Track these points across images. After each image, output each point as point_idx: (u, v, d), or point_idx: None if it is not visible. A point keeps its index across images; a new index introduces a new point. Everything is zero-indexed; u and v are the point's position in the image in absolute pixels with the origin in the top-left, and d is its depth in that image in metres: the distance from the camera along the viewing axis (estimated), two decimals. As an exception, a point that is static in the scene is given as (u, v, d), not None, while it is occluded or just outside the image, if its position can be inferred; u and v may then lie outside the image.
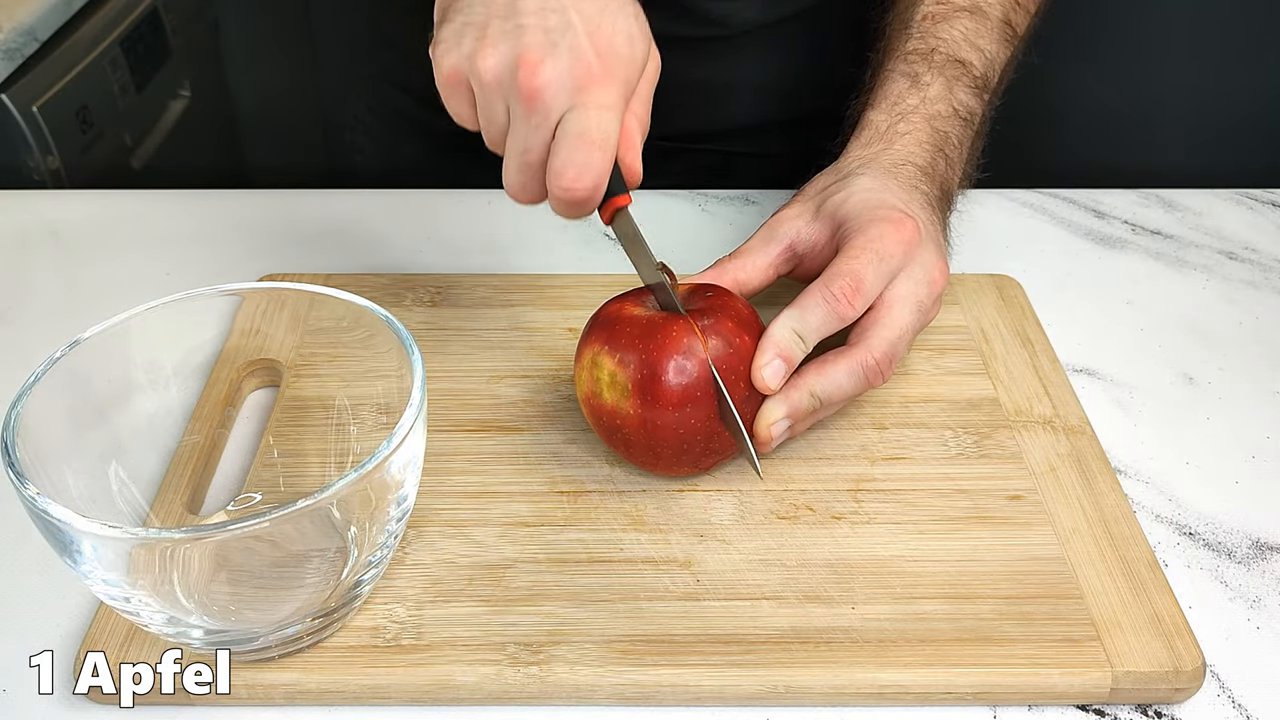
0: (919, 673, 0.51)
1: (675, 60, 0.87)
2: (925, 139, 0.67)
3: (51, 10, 1.18)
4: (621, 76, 0.55)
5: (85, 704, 0.51)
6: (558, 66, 0.53)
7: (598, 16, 0.54)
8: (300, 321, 0.61)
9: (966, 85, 0.70)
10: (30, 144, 1.13)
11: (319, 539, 0.52)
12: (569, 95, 0.54)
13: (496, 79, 0.54)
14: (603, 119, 0.54)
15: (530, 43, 0.53)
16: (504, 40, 0.53)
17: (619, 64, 0.55)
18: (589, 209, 0.56)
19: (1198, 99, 1.30)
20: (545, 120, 0.54)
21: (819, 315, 0.57)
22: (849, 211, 0.61)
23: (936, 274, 0.60)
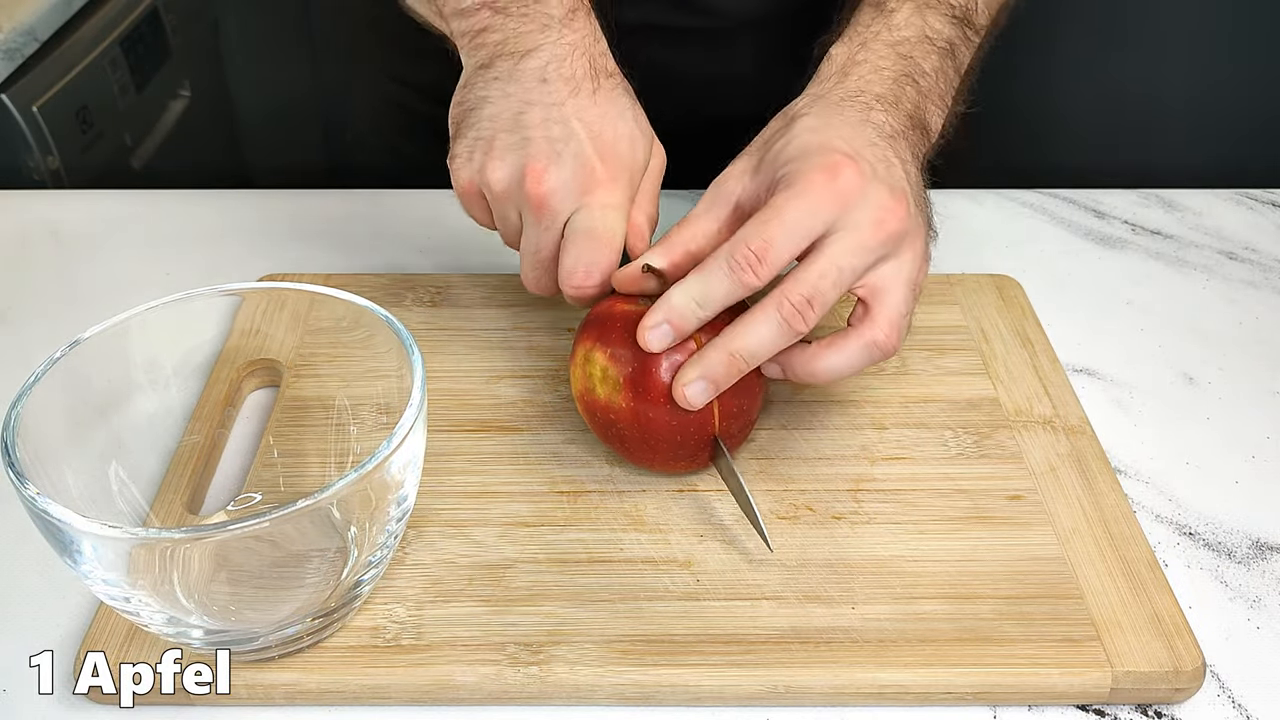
0: (919, 673, 0.51)
1: (674, 51, 0.87)
2: (887, 65, 0.62)
3: (51, 10, 1.18)
4: (625, 178, 0.59)
5: (85, 704, 0.51)
6: (562, 174, 0.57)
7: (599, 123, 0.58)
8: (300, 321, 0.61)
9: (941, 13, 0.65)
10: (30, 144, 1.13)
11: (319, 539, 0.52)
12: (575, 199, 0.58)
13: (506, 189, 0.58)
14: (608, 218, 0.58)
15: (535, 153, 0.57)
16: (511, 152, 0.58)
17: (621, 166, 0.59)
18: (596, 298, 0.59)
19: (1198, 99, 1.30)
20: (554, 223, 0.58)
21: (722, 285, 0.54)
22: (785, 160, 0.57)
23: (884, 212, 0.54)
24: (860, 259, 0.54)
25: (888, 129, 0.59)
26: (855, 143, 0.57)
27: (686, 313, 0.54)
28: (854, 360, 0.56)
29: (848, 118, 0.59)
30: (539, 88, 0.59)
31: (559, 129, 0.58)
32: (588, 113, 0.58)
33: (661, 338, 0.55)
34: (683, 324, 0.54)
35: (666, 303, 0.54)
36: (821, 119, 0.58)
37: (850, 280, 0.54)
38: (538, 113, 0.58)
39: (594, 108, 0.59)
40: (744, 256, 0.53)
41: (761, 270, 0.53)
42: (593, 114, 0.59)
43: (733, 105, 0.90)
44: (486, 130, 0.59)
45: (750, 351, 0.54)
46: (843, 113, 0.59)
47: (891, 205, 0.55)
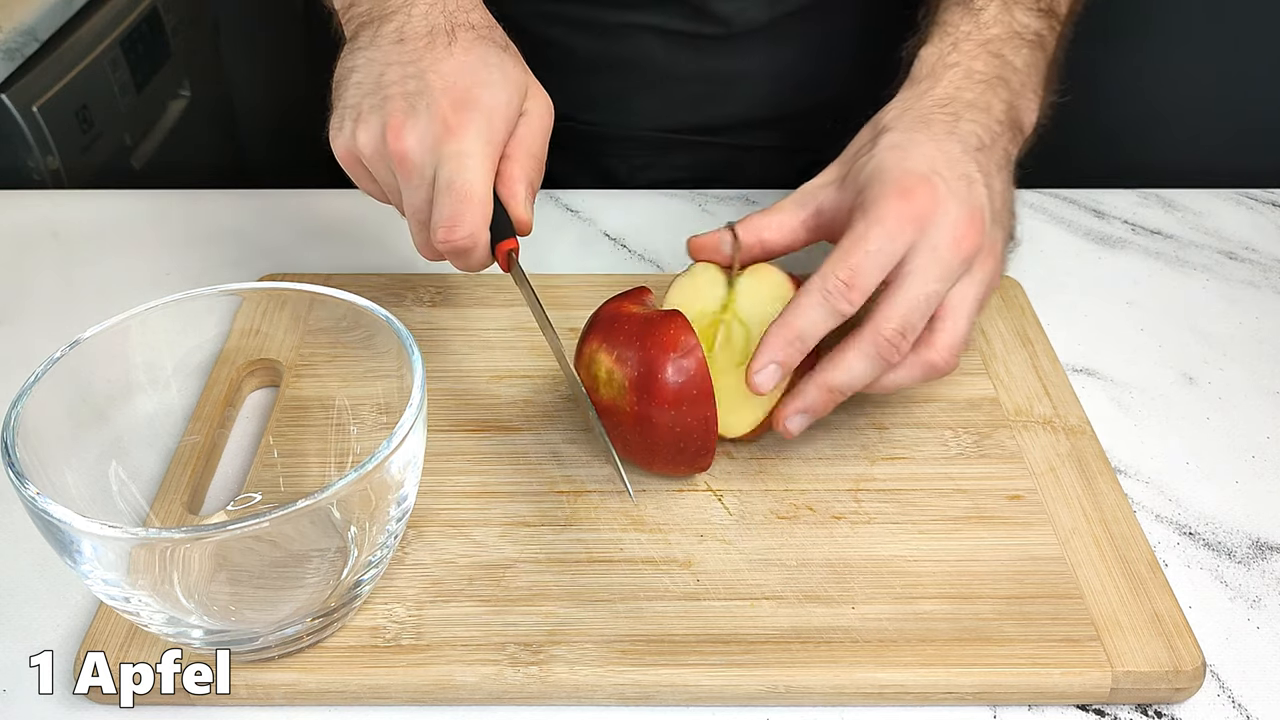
0: (919, 673, 0.51)
1: (678, 55, 0.87)
2: (980, 68, 0.62)
3: (51, 10, 1.18)
4: (482, 124, 0.57)
5: (85, 704, 0.51)
6: (418, 128, 0.57)
7: (454, 74, 0.58)
8: (300, 321, 0.61)
9: (1027, 6, 0.65)
10: (30, 144, 1.13)
11: (319, 539, 0.52)
12: (432, 152, 0.57)
13: (375, 151, 0.58)
14: (465, 167, 0.56)
15: (392, 110, 0.57)
16: (373, 114, 0.58)
17: (477, 114, 0.57)
18: (477, 256, 0.59)
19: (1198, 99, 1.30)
20: (421, 179, 0.57)
21: (817, 313, 0.55)
22: (865, 181, 0.57)
23: (960, 233, 0.55)
24: (943, 284, 0.55)
25: (974, 140, 0.59)
26: (935, 161, 0.57)
27: (788, 347, 0.55)
28: (911, 378, 0.57)
29: (934, 132, 0.59)
30: (396, 48, 0.59)
31: (414, 84, 0.58)
32: (443, 65, 0.58)
33: (770, 377, 0.55)
34: (786, 360, 0.55)
35: (766, 345, 0.55)
36: (905, 134, 0.59)
37: (935, 305, 0.56)
38: (395, 71, 0.58)
39: (450, 59, 0.58)
40: (835, 286, 0.54)
41: (852, 296, 0.54)
42: (448, 65, 0.58)
43: (736, 108, 0.91)
44: (353, 97, 0.59)
45: (847, 385, 0.56)
46: (929, 126, 0.59)
47: (967, 225, 0.55)
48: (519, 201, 0.60)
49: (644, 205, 0.86)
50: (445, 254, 0.59)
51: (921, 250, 0.55)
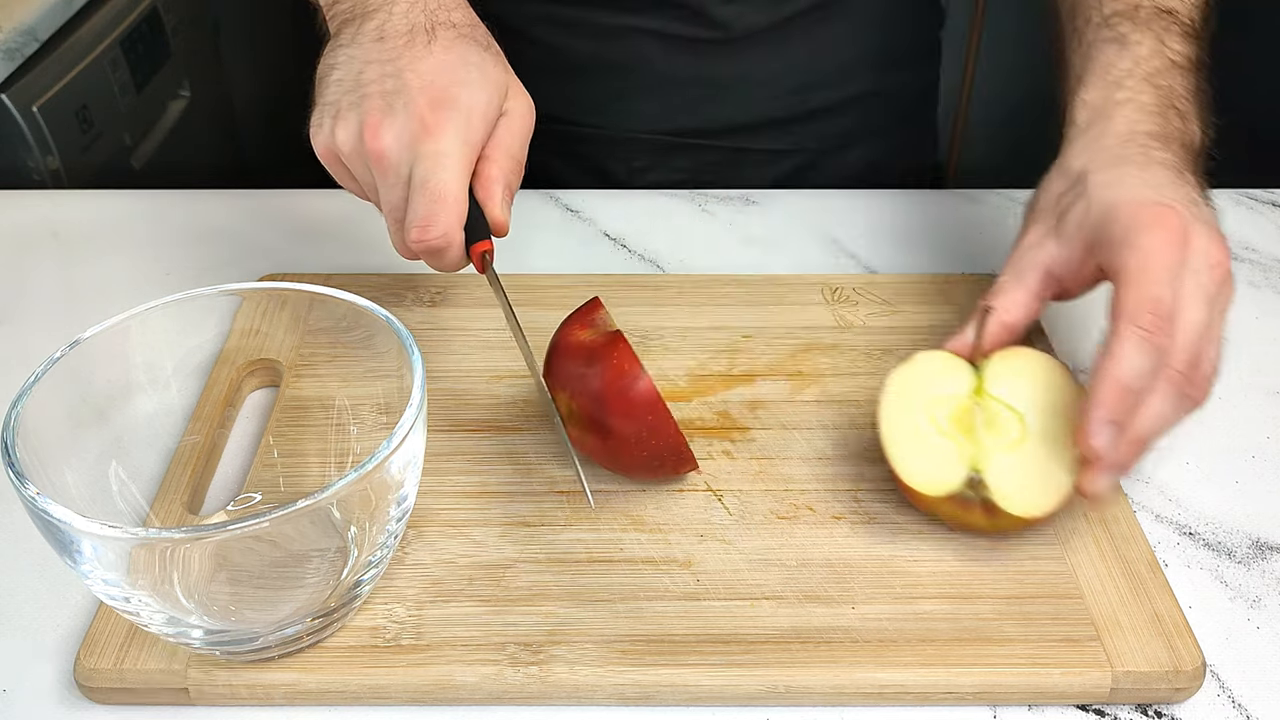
0: (919, 673, 0.51)
1: (678, 58, 0.87)
2: (1149, 101, 0.60)
3: (51, 10, 1.18)
4: (460, 123, 0.57)
5: (85, 704, 0.51)
6: (395, 127, 0.57)
7: (432, 73, 0.57)
8: (300, 321, 0.61)
9: (1178, 34, 0.64)
10: (30, 144, 1.13)
11: (319, 539, 0.52)
12: (409, 150, 0.57)
13: (353, 149, 0.58)
14: (440, 167, 0.56)
15: (370, 108, 0.57)
16: (351, 112, 0.58)
17: (455, 113, 0.57)
18: (451, 256, 0.59)
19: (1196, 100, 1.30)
20: (396, 178, 0.57)
21: (1141, 358, 0.51)
22: (1098, 223, 0.55)
23: (1215, 255, 0.53)
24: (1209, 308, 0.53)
25: (1172, 165, 0.58)
26: (1161, 190, 0.55)
27: (1125, 404, 0.51)
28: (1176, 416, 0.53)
29: (1136, 163, 0.57)
30: (376, 46, 0.59)
31: (392, 82, 0.58)
32: (422, 64, 0.58)
33: (1109, 442, 0.51)
34: (1123, 417, 0.51)
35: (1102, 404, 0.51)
36: (1112, 172, 0.57)
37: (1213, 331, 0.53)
38: (374, 69, 0.58)
39: (429, 58, 0.58)
40: (1150, 323, 0.51)
41: (1168, 328, 0.51)
42: (427, 65, 0.58)
43: (735, 112, 0.91)
44: (333, 95, 0.59)
45: (1155, 432, 0.52)
46: (1128, 161, 0.57)
47: (1215, 244, 0.54)
48: (495, 202, 0.60)
49: (644, 205, 0.86)
50: (419, 253, 0.59)
51: (1187, 277, 0.53)
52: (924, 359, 0.56)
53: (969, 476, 0.52)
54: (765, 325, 0.70)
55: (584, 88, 0.90)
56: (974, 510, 0.51)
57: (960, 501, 0.51)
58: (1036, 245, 0.59)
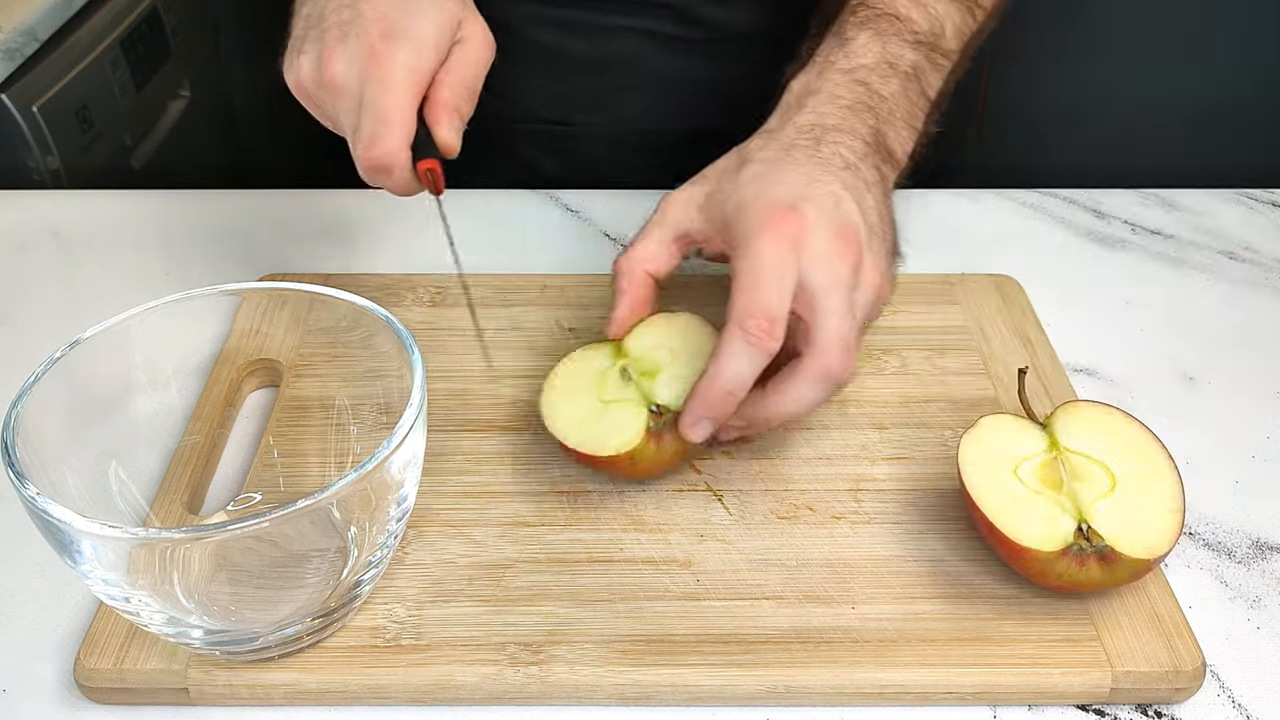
0: (919, 673, 0.51)
1: (670, 59, 0.87)
2: (843, 93, 0.63)
3: (51, 10, 1.18)
4: (408, 50, 0.58)
5: (85, 704, 0.51)
6: (346, 53, 0.59)
7: (385, 5, 0.59)
8: (300, 321, 0.61)
9: (903, 39, 0.66)
10: (30, 144, 1.13)
11: (319, 539, 0.52)
12: (359, 78, 0.59)
13: (311, 79, 0.61)
14: (383, 91, 0.58)
15: (327, 40, 0.60)
16: (312, 45, 0.61)
17: (404, 41, 0.58)
18: (398, 176, 0.60)
19: (1198, 99, 1.30)
20: (350, 103, 0.59)
21: (747, 362, 0.54)
22: (732, 211, 0.58)
23: (837, 247, 0.56)
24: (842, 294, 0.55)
25: (838, 160, 0.60)
26: (798, 186, 0.57)
27: (722, 401, 0.55)
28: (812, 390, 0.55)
29: (795, 158, 0.59)
30: None
31: (348, 13, 0.60)
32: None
33: (703, 432, 0.56)
34: (722, 413, 0.55)
35: (699, 401, 0.55)
36: (768, 164, 0.59)
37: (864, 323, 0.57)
38: (334, 2, 0.61)
39: None
40: (757, 327, 0.54)
41: (776, 331, 0.54)
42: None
43: (727, 110, 0.91)
44: (299, 30, 0.62)
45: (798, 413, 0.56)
46: (791, 153, 0.60)
47: (841, 240, 0.56)
48: (443, 125, 0.60)
49: (644, 205, 0.85)
50: (368, 173, 0.60)
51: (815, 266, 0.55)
52: (990, 423, 0.56)
53: (1079, 527, 0.51)
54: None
55: (577, 87, 0.90)
56: (1089, 564, 0.51)
57: (1075, 557, 0.51)
58: (680, 206, 0.62)
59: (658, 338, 0.61)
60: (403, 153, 0.59)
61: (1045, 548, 0.51)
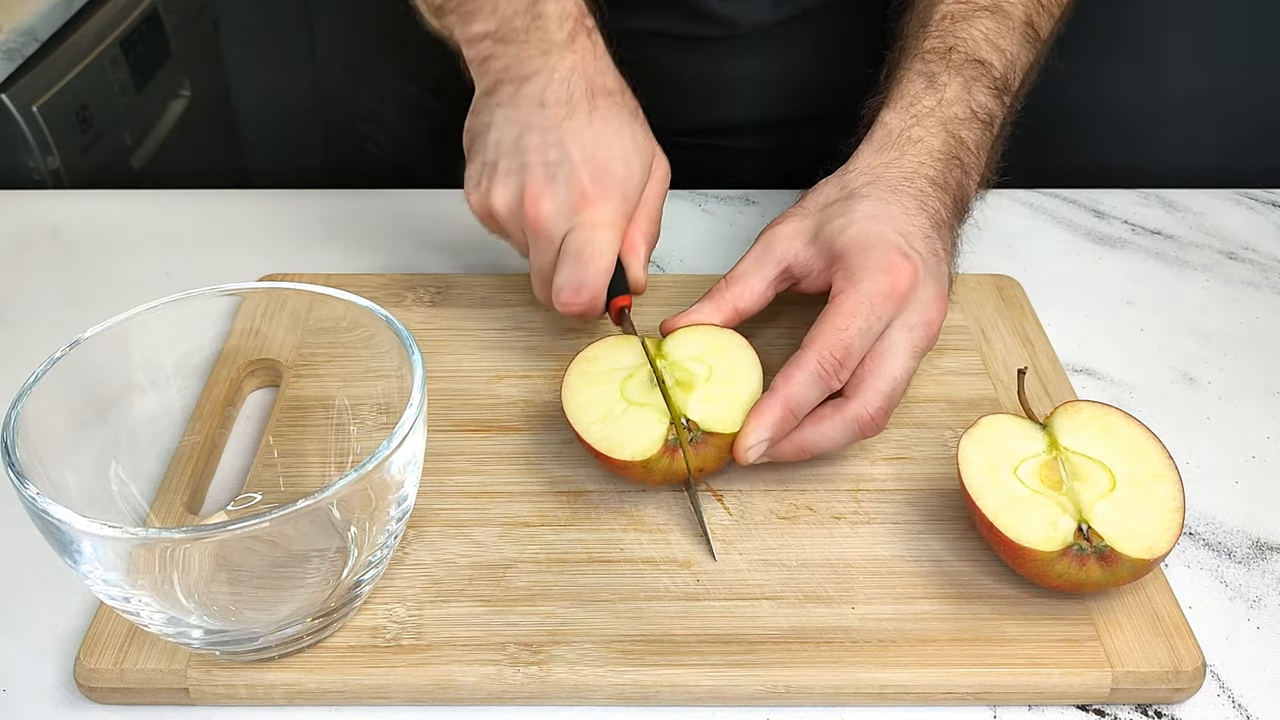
0: (919, 673, 0.51)
1: (681, 57, 0.87)
2: (939, 146, 0.65)
3: (51, 10, 1.18)
4: (617, 197, 0.61)
5: (85, 704, 0.51)
6: (556, 197, 0.61)
7: (593, 145, 0.61)
8: (300, 321, 0.61)
9: (985, 86, 0.68)
10: (30, 144, 1.13)
11: (319, 539, 0.52)
12: (568, 219, 0.61)
13: (509, 212, 0.62)
14: (595, 238, 0.60)
15: (532, 177, 0.61)
16: (511, 177, 0.62)
17: (614, 185, 0.61)
18: (593, 315, 0.63)
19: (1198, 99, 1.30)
20: (550, 243, 0.61)
21: (812, 392, 0.56)
22: (846, 246, 0.59)
23: (933, 313, 0.59)
24: (913, 362, 0.58)
25: (938, 216, 0.62)
26: (911, 237, 0.60)
27: (785, 425, 0.56)
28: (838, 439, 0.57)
29: (905, 205, 0.61)
30: (537, 112, 0.61)
31: (554, 152, 0.61)
32: (583, 135, 0.61)
33: (760, 451, 0.56)
34: (781, 433, 0.57)
35: (765, 419, 0.56)
36: (880, 206, 0.61)
37: (908, 382, 0.58)
38: (535, 137, 0.61)
39: (589, 129, 0.61)
40: (829, 364, 0.56)
41: (843, 374, 0.57)
42: (588, 136, 0.61)
43: (739, 109, 0.91)
44: (491, 155, 0.63)
45: (819, 449, 0.58)
46: (900, 199, 0.61)
47: (937, 304, 0.59)
48: (639, 263, 0.63)
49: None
50: (560, 309, 0.62)
51: (901, 325, 0.58)
52: (990, 423, 0.56)
53: (1078, 527, 0.51)
54: (766, 325, 0.70)
55: None
56: (1089, 564, 0.51)
57: (1075, 557, 0.51)
58: (786, 239, 0.62)
59: (700, 349, 0.61)
60: (603, 296, 0.62)
61: (1045, 548, 0.51)
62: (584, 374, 0.60)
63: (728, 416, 0.57)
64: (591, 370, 0.60)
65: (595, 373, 0.60)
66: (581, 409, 0.58)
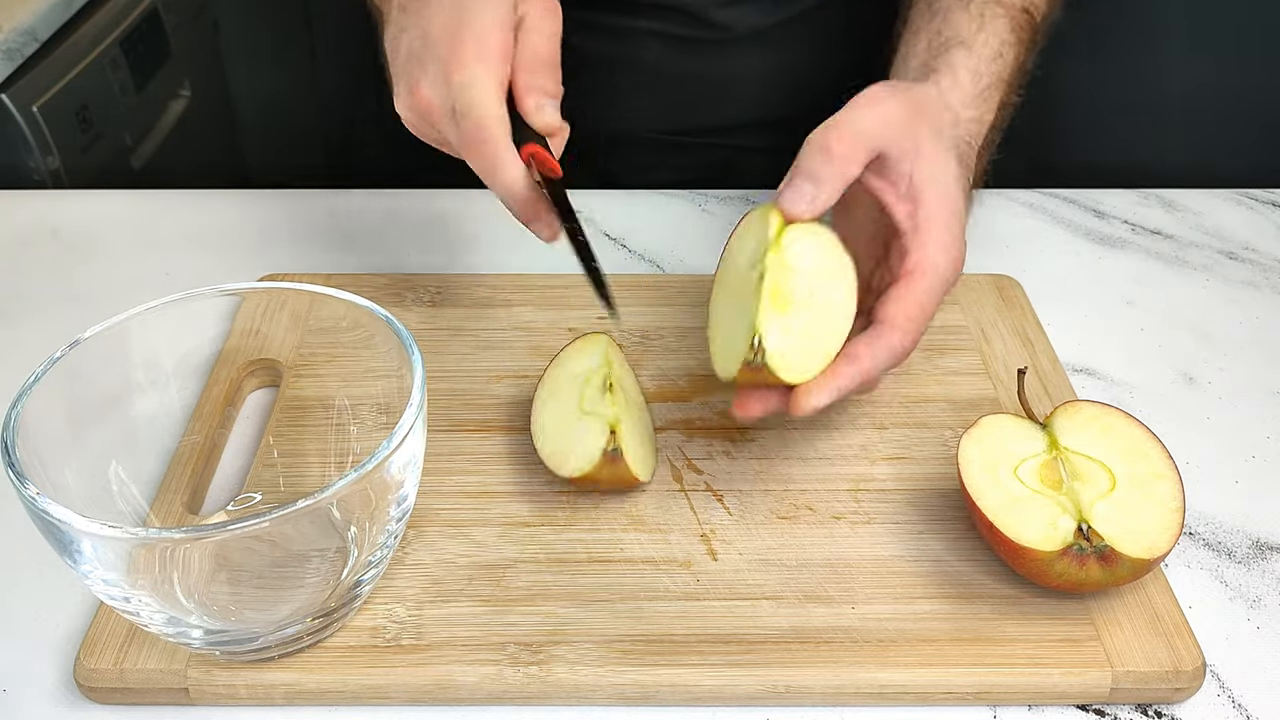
0: (919, 673, 0.51)
1: (680, 57, 0.87)
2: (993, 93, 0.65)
3: (51, 10, 1.18)
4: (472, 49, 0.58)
5: (85, 704, 0.51)
6: (427, 75, 0.58)
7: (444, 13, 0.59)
8: (300, 321, 0.61)
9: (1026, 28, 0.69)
10: (30, 144, 1.13)
11: (319, 539, 0.52)
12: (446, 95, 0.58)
13: (413, 114, 0.60)
14: (467, 97, 0.57)
15: (410, 70, 0.60)
16: (402, 79, 0.60)
17: (468, 39, 0.58)
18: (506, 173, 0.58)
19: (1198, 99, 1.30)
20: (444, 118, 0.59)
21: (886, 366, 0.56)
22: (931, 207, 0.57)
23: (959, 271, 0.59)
24: None
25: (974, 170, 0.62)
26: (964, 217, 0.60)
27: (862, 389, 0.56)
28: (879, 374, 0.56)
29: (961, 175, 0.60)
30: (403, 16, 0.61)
31: (417, 40, 0.60)
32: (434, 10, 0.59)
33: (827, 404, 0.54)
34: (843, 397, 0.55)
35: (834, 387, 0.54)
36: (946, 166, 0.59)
37: None
38: (407, 37, 0.60)
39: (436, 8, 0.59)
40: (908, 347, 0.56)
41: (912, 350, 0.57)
42: (438, 8, 0.59)
43: (737, 111, 0.91)
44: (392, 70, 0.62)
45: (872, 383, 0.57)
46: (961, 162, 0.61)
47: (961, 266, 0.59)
48: (530, 109, 0.60)
49: (644, 205, 0.86)
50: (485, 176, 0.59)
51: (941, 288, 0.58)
52: (990, 423, 0.56)
53: (1078, 527, 0.51)
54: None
55: (586, 87, 0.90)
56: (1089, 563, 0.51)
57: (1075, 556, 0.51)
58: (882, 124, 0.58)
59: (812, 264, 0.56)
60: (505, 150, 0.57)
61: (1045, 548, 0.51)
62: (551, 389, 0.61)
63: (801, 365, 0.54)
64: (558, 376, 0.61)
65: (560, 381, 0.61)
66: (540, 427, 0.59)
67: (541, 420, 0.60)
